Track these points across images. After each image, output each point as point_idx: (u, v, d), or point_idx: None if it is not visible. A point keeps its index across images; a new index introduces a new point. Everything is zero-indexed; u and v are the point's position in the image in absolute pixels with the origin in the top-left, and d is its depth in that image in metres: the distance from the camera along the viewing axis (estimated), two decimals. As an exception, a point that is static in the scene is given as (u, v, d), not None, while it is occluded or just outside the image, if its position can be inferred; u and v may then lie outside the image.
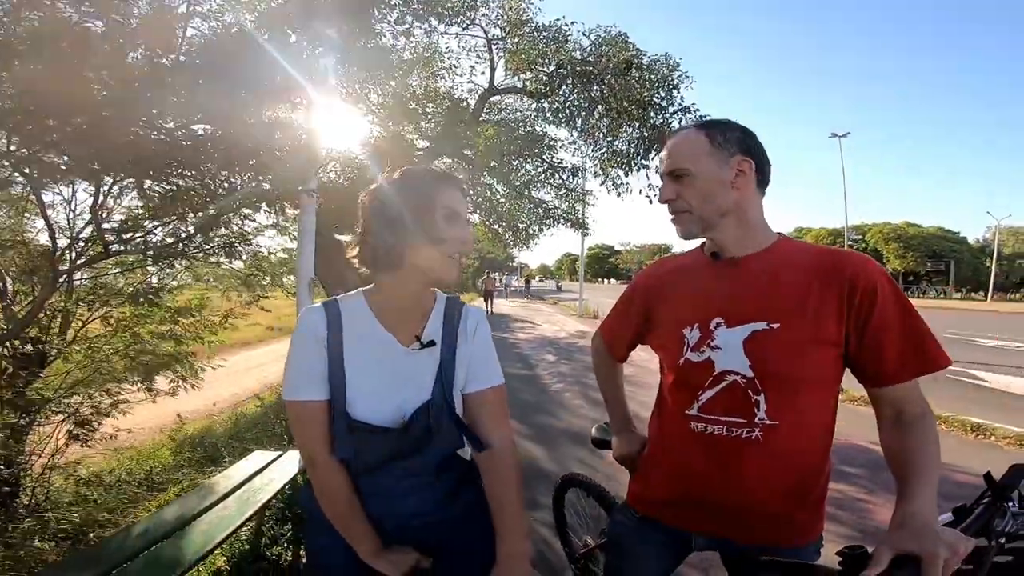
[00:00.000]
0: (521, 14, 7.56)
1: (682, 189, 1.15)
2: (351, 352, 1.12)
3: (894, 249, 51.45)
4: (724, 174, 1.12)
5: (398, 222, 1.07)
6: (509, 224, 10.99)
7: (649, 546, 1.24)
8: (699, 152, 1.13)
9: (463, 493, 1.20)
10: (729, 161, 1.12)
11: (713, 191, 1.13)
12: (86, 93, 1.88)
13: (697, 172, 1.13)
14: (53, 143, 1.95)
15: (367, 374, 1.11)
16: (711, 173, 1.12)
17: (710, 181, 1.12)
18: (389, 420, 1.11)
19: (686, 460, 1.18)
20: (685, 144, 1.16)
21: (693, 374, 1.16)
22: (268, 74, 2.41)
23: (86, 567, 1.90)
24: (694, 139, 1.15)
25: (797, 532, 1.13)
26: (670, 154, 1.18)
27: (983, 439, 5.00)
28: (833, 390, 1.14)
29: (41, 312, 2.75)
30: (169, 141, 2.26)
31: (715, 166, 1.12)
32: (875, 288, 1.04)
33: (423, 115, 7.65)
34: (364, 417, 1.09)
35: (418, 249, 1.08)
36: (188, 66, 2.23)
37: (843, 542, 0.86)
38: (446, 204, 1.10)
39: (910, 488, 0.94)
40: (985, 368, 8.62)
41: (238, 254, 3.51)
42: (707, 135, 1.14)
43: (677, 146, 1.17)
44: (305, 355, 1.11)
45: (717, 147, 1.13)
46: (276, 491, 2.70)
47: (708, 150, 1.13)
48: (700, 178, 1.13)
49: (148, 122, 2.15)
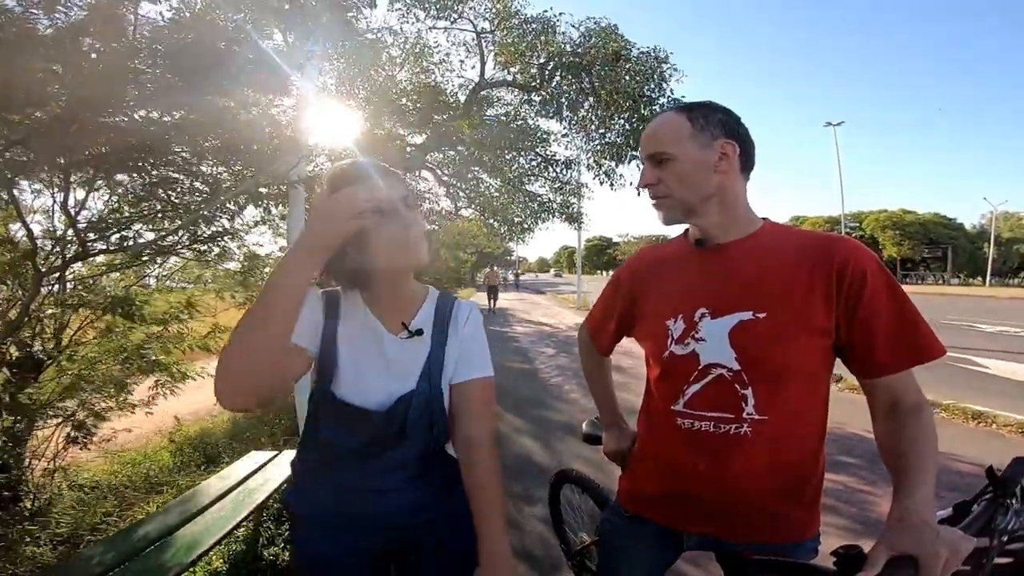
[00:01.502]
0: (510, 6, 7.51)
1: (663, 174, 1.11)
2: (343, 335, 1.12)
3: (891, 236, 51.48)
4: (707, 157, 1.08)
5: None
6: (504, 218, 10.97)
7: (641, 544, 1.22)
8: (681, 135, 1.09)
9: (454, 491, 1.18)
10: (712, 144, 1.08)
11: (695, 175, 1.08)
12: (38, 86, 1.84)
13: (678, 156, 1.08)
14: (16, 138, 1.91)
15: (354, 358, 1.12)
16: (693, 156, 1.08)
17: (692, 165, 1.08)
18: (374, 405, 1.11)
19: (674, 458, 1.14)
20: (666, 127, 1.11)
21: (678, 368, 1.13)
22: (236, 57, 2.33)
23: (81, 570, 1.89)
24: (675, 122, 1.10)
25: (792, 530, 1.10)
26: (651, 138, 1.13)
27: (984, 427, 4.94)
28: (824, 381, 1.10)
29: (27, 316, 2.71)
30: (130, 131, 2.19)
31: (697, 149, 1.08)
32: (864, 273, 1.01)
33: (413, 110, 7.59)
34: (350, 399, 1.10)
35: (373, 258, 1.03)
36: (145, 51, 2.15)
37: (843, 535, 0.84)
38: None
39: (907, 484, 0.91)
40: (985, 354, 8.61)
41: (228, 252, 3.44)
42: (688, 117, 1.09)
43: (658, 129, 1.13)
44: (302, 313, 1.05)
45: (699, 129, 1.08)
46: (272, 491, 2.69)
47: (690, 133, 1.08)
48: (682, 162, 1.08)
49: (106, 112, 2.09)
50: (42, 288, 2.77)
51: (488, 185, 10.56)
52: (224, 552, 2.75)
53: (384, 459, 1.13)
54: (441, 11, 7.46)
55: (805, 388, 1.07)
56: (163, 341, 4.00)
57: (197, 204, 2.75)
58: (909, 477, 0.91)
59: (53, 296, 3.14)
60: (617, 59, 6.76)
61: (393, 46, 7.52)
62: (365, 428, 1.10)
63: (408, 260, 1.08)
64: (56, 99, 1.92)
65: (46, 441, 3.21)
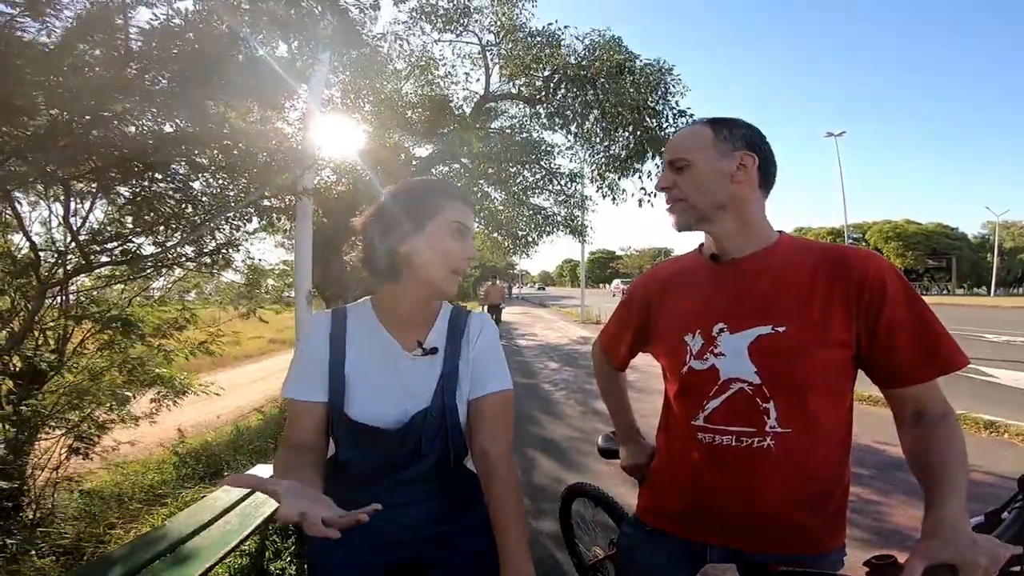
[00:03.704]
0: (514, 19, 7.58)
1: (680, 179, 1.12)
2: (354, 355, 1.12)
3: (894, 247, 51.40)
4: (724, 166, 1.09)
5: (402, 228, 1.09)
6: (508, 231, 10.98)
7: (661, 558, 1.19)
8: (702, 144, 1.10)
9: (471, 505, 1.16)
10: (732, 155, 1.09)
11: (710, 182, 1.09)
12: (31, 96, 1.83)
13: (696, 162, 1.10)
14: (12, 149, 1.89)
15: (368, 377, 1.11)
16: (711, 164, 1.09)
17: (708, 172, 1.09)
18: (389, 423, 1.10)
19: (695, 472, 1.13)
20: (689, 135, 1.14)
21: (697, 383, 1.12)
22: (234, 65, 2.31)
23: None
24: (698, 131, 1.13)
25: (817, 541, 1.07)
26: (673, 145, 1.16)
27: (996, 436, 4.94)
28: (847, 393, 1.09)
29: (31, 328, 2.70)
30: (128, 142, 2.17)
31: (716, 157, 1.09)
32: (883, 284, 1.00)
33: (419, 123, 7.63)
34: (364, 419, 1.09)
35: (421, 259, 1.08)
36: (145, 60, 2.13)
37: (859, 546, 0.81)
38: (456, 218, 1.10)
39: (938, 493, 0.88)
40: (994, 364, 8.56)
41: (231, 264, 3.42)
42: (712, 128, 1.11)
43: (681, 137, 1.16)
44: (305, 356, 1.14)
45: (721, 140, 1.10)
46: (279, 505, 2.66)
47: (711, 142, 1.10)
48: (698, 168, 1.10)
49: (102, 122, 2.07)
50: (45, 299, 2.77)
51: (493, 198, 10.59)
52: (230, 566, 2.72)
53: (400, 475, 1.11)
54: (447, 24, 7.53)
55: (828, 400, 1.05)
56: (164, 352, 3.99)
57: (201, 216, 2.74)
58: (941, 486, 0.89)
59: (56, 308, 3.14)
60: (621, 71, 6.79)
61: (399, 58, 7.58)
62: (380, 447, 1.10)
63: (444, 282, 1.11)
64: (50, 108, 1.91)
65: (48, 452, 3.19)
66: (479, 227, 11.32)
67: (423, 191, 1.13)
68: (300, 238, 4.06)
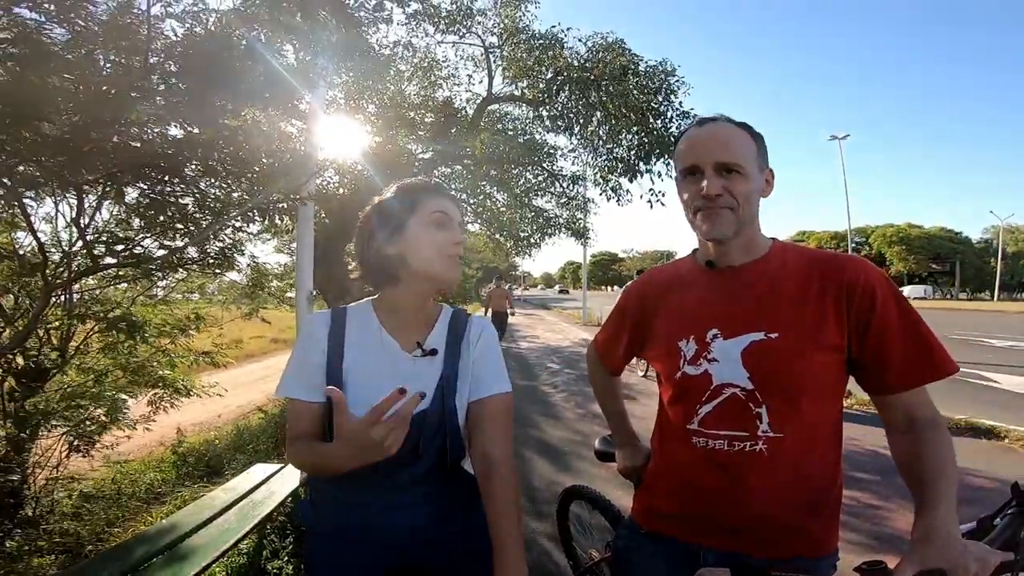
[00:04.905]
0: (518, 22, 7.57)
1: (730, 185, 1.06)
2: (352, 357, 1.12)
3: (897, 252, 51.21)
4: (760, 181, 1.11)
5: (394, 229, 1.12)
6: (510, 233, 10.97)
7: (656, 561, 1.20)
8: (752, 154, 1.09)
9: (468, 507, 1.17)
10: (764, 169, 1.12)
11: (755, 196, 1.10)
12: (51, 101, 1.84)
13: (748, 173, 1.07)
14: (29, 152, 1.91)
15: (367, 378, 1.11)
16: (756, 177, 1.09)
17: (755, 185, 1.09)
18: None
19: (690, 476, 1.14)
20: (738, 140, 1.08)
21: (691, 388, 1.13)
22: (250, 74, 2.35)
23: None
24: (745, 139, 1.09)
25: (811, 545, 1.08)
26: (721, 144, 1.07)
27: (996, 442, 4.93)
28: (838, 398, 1.10)
29: (36, 326, 2.71)
30: (143, 147, 2.20)
31: (758, 171, 1.10)
32: (873, 291, 1.02)
33: (421, 124, 7.64)
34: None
35: (413, 255, 1.11)
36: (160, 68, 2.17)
37: (857, 550, 0.82)
38: (434, 208, 1.14)
39: (929, 499, 0.89)
40: (995, 369, 8.55)
41: (235, 265, 3.44)
42: (753, 139, 1.10)
43: (730, 140, 1.08)
44: (301, 356, 1.14)
45: (760, 153, 1.11)
46: (277, 504, 2.68)
47: (756, 153, 1.10)
48: (751, 179, 1.08)
49: (120, 128, 2.10)
50: (51, 298, 2.78)
51: (495, 200, 10.59)
52: (227, 565, 2.72)
53: (398, 477, 1.11)
54: (450, 26, 7.52)
55: (820, 405, 1.06)
56: (168, 354, 4.01)
57: (208, 219, 2.75)
58: (930, 492, 0.90)
59: (61, 307, 3.15)
60: (625, 74, 6.79)
61: (402, 60, 7.59)
62: None
63: (444, 270, 1.14)
64: (69, 113, 1.93)
65: (49, 450, 3.20)
66: (481, 228, 11.33)
67: (397, 194, 1.16)
68: (302, 239, 4.07)
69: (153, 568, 1.98)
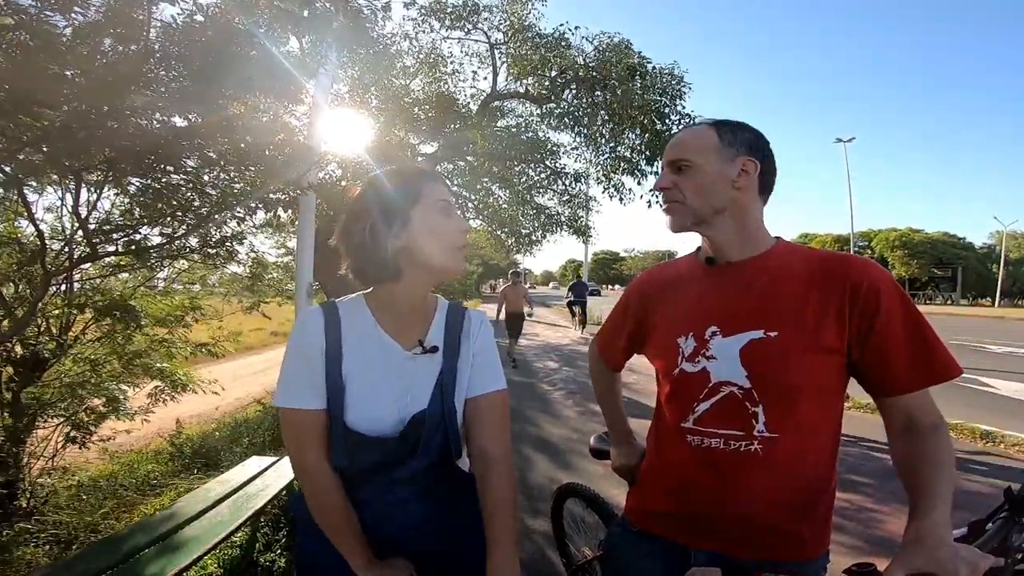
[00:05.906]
0: (524, 19, 7.56)
1: (680, 180, 1.11)
2: (350, 357, 1.08)
3: (899, 256, 51.07)
4: (727, 171, 1.08)
5: (390, 225, 1.05)
6: (512, 230, 10.97)
7: (647, 560, 1.19)
8: (705, 146, 1.09)
9: (463, 505, 1.16)
10: (735, 159, 1.08)
11: (711, 186, 1.09)
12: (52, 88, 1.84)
13: (698, 165, 1.09)
14: (30, 139, 1.91)
15: (366, 380, 1.08)
16: (713, 167, 1.08)
17: (710, 175, 1.08)
18: (387, 427, 1.07)
19: (684, 474, 1.13)
20: (693, 137, 1.12)
21: (688, 385, 1.12)
22: (249, 62, 2.33)
23: (75, 573, 1.87)
24: (703, 133, 1.11)
25: (802, 547, 1.07)
26: (676, 144, 1.14)
27: (992, 447, 4.93)
28: (837, 400, 1.08)
29: (34, 315, 2.71)
30: (143, 135, 2.19)
31: (719, 161, 1.08)
32: (878, 293, 0.99)
33: (425, 119, 7.63)
34: (361, 424, 1.06)
35: (420, 248, 1.06)
36: (159, 55, 2.15)
37: (850, 553, 0.81)
38: (438, 197, 1.08)
39: (924, 503, 0.88)
40: (993, 374, 8.53)
41: (235, 256, 3.42)
42: (717, 131, 1.10)
43: (684, 138, 1.14)
44: (300, 360, 1.07)
45: (725, 144, 1.09)
46: (271, 497, 2.67)
47: (715, 146, 1.09)
48: (700, 171, 1.09)
49: (119, 116, 2.09)
50: (50, 287, 2.78)
51: (497, 196, 10.58)
52: (220, 557, 2.73)
53: (396, 474, 1.10)
54: (456, 21, 7.52)
55: (817, 406, 1.05)
56: (167, 345, 4.00)
57: (208, 208, 2.74)
58: (927, 496, 0.89)
59: (60, 296, 3.15)
60: (632, 75, 6.78)
61: (407, 54, 7.58)
62: (377, 451, 1.07)
63: (451, 262, 1.09)
64: (69, 101, 1.92)
65: (45, 440, 3.21)
66: (482, 224, 11.33)
67: (396, 182, 1.08)
68: (303, 231, 4.07)
69: (145, 559, 1.97)
